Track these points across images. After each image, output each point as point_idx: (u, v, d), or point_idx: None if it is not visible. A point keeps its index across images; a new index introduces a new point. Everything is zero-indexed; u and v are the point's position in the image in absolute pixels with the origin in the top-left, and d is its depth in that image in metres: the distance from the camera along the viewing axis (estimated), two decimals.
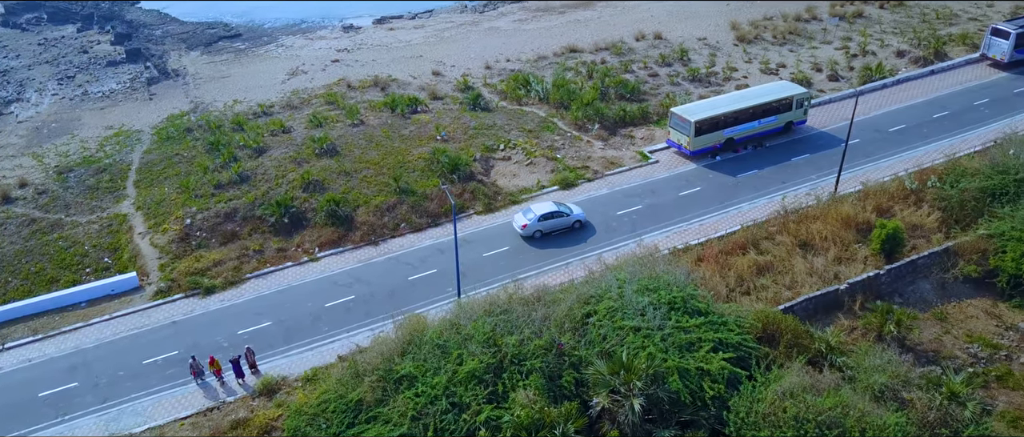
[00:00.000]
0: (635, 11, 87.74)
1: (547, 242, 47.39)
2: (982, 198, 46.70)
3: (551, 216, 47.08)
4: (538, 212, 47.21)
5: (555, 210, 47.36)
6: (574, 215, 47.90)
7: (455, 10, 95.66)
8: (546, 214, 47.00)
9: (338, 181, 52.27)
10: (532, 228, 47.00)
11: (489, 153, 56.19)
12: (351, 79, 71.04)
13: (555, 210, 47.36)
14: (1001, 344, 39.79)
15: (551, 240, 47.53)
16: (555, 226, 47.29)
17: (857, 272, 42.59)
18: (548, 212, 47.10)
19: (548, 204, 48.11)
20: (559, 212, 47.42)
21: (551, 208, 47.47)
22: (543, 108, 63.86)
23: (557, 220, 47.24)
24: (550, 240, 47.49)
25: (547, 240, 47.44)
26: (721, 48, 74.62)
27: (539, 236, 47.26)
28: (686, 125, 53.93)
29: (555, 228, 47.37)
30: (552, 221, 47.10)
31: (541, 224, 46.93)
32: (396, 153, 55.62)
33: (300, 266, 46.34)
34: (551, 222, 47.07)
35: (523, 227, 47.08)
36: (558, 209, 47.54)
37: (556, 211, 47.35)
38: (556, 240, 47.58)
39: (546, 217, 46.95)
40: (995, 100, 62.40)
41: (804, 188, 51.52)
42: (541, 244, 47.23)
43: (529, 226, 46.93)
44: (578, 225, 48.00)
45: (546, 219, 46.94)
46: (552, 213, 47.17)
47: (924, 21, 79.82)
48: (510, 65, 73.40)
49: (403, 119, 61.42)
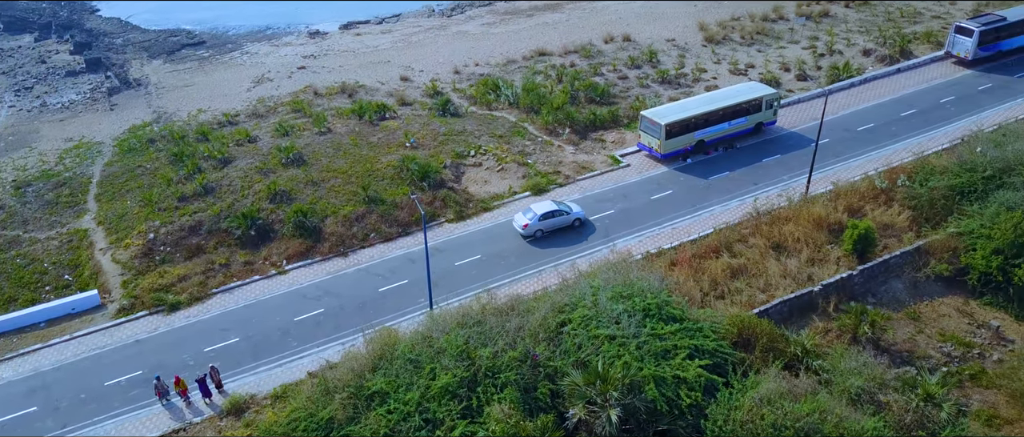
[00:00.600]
0: (603, 13, 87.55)
1: (549, 241, 47.34)
2: (951, 196, 46.96)
3: (552, 215, 47.25)
4: (539, 211, 47.31)
5: (555, 209, 47.51)
6: (574, 213, 48.07)
7: (423, 14, 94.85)
8: (547, 213, 47.14)
9: (305, 191, 51.29)
10: (533, 227, 47.08)
11: (459, 159, 55.52)
12: (318, 86, 69.99)
13: (555, 209, 47.51)
14: (974, 342, 39.94)
15: (553, 239, 47.49)
16: (556, 224, 47.44)
17: (830, 273, 42.54)
18: (549, 211, 47.25)
19: (548, 203, 48.27)
20: (559, 211, 47.57)
21: (551, 207, 47.55)
22: (513, 113, 63.32)
23: (557, 219, 47.40)
24: (552, 239, 47.49)
25: (549, 239, 47.52)
26: (690, 49, 74.61)
27: (540, 235, 47.26)
28: (656, 128, 53.68)
29: (556, 227, 47.52)
30: (553, 220, 47.28)
31: (542, 223, 47.06)
32: (364, 161, 54.75)
33: (268, 279, 45.33)
34: (552, 221, 47.25)
35: (524, 227, 47.10)
36: (558, 208, 47.71)
37: (556, 210, 47.50)
38: (558, 239, 47.56)
39: (547, 216, 47.11)
40: (961, 97, 62.95)
41: (775, 189, 51.47)
42: (544, 244, 47.16)
43: (531, 225, 47.00)
44: (578, 223, 48.17)
45: (547, 218, 47.11)
46: (552, 212, 47.31)
47: (889, 20, 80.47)
48: (479, 69, 72.78)
49: (371, 126, 60.54)
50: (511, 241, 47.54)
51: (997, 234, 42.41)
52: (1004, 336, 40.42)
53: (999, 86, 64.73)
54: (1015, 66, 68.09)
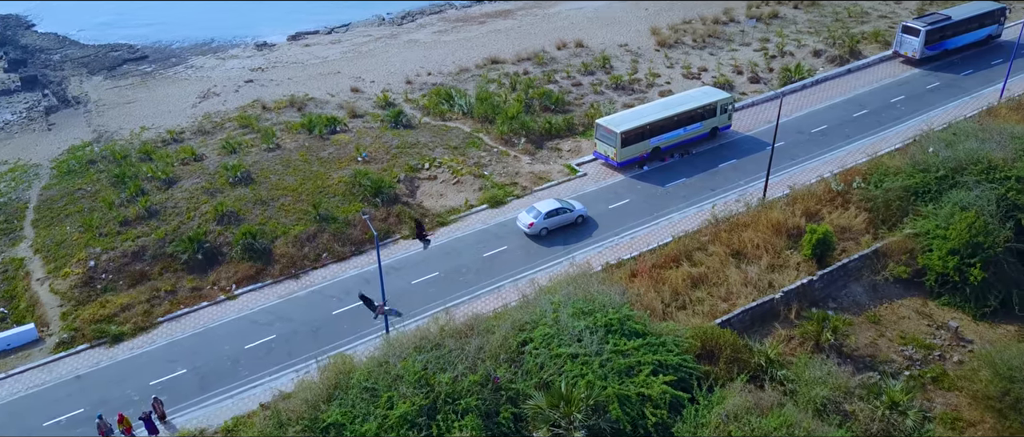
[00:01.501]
0: (555, 19, 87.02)
1: (553, 239, 47.52)
2: (906, 197, 47.14)
3: (556, 213, 47.80)
4: (543, 210, 47.68)
5: (559, 206, 48.03)
6: (577, 210, 48.59)
7: (373, 23, 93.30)
8: (551, 211, 47.66)
9: (254, 211, 49.59)
10: (539, 226, 47.48)
11: (413, 173, 54.29)
12: (266, 100, 68.11)
13: (559, 206, 48.03)
14: (934, 344, 39.99)
15: (558, 237, 47.61)
16: (560, 222, 47.96)
17: (791, 279, 42.27)
18: (553, 209, 47.76)
19: (551, 201, 48.64)
20: (562, 208, 48.05)
21: (555, 205, 48.02)
22: (467, 123, 62.27)
23: (562, 216, 47.95)
24: (556, 237, 47.75)
25: (553, 237, 47.85)
26: (643, 54, 74.37)
27: (545, 234, 47.62)
28: (612, 136, 53.12)
29: (560, 224, 48.01)
30: (557, 217, 47.82)
31: (547, 222, 47.52)
32: (315, 177, 53.20)
33: (216, 305, 43.60)
34: (556, 218, 47.78)
35: (530, 226, 47.42)
36: (561, 205, 48.16)
37: (560, 208, 48.01)
38: (562, 237, 47.59)
39: (551, 214, 47.64)
40: (910, 97, 63.61)
41: (733, 194, 51.23)
42: (548, 242, 47.34)
43: (536, 224, 47.37)
44: (581, 220, 48.67)
45: (552, 216, 47.63)
46: (556, 210, 47.86)
47: (837, 20, 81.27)
48: (431, 79, 71.59)
49: (321, 140, 58.96)
50: (469, 256, 46.49)
51: (952, 234, 42.59)
52: (963, 336, 40.56)
53: (946, 84, 65.59)
54: (960, 64, 69.12)
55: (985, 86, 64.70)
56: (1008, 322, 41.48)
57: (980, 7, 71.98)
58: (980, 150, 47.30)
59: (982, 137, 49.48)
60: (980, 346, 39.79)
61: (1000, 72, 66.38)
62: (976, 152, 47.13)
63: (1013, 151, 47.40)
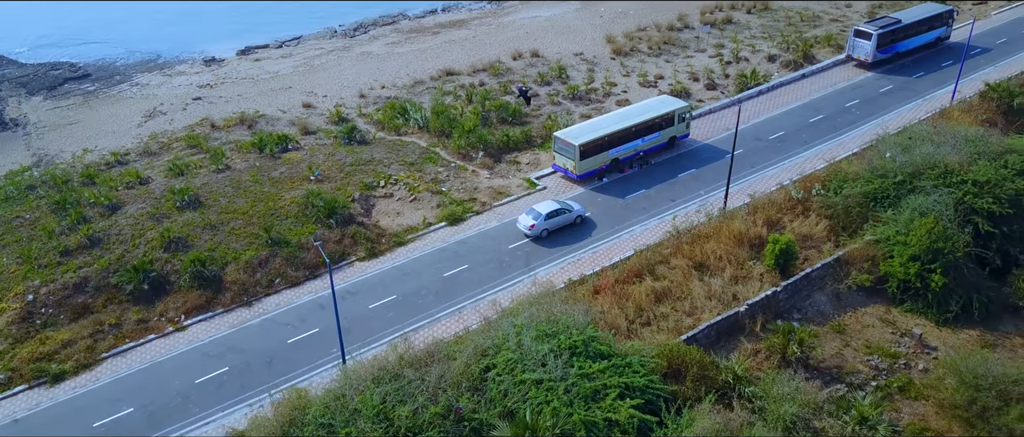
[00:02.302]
0: (510, 28, 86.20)
1: (554, 240, 47.63)
2: (865, 203, 47.06)
3: (556, 213, 48.17)
4: (543, 211, 47.95)
5: (558, 207, 48.36)
6: (576, 210, 49.07)
7: (324, 36, 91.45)
8: (551, 212, 48.02)
9: (203, 237, 47.75)
10: (540, 227, 47.78)
11: (369, 191, 52.86)
12: (215, 118, 66.03)
13: (558, 207, 48.36)
14: (899, 352, 39.78)
15: (559, 237, 47.60)
16: (560, 223, 48.43)
17: (755, 291, 41.80)
18: (553, 210, 48.13)
19: (550, 203, 48.94)
20: (562, 209, 48.40)
21: (554, 206, 48.37)
22: (424, 137, 61.02)
23: (562, 217, 48.39)
24: (557, 237, 47.90)
25: (554, 238, 48.14)
26: (598, 63, 73.86)
27: (546, 235, 47.89)
28: (570, 149, 52.35)
29: (560, 225, 48.50)
30: (557, 218, 48.24)
31: (548, 223, 47.88)
32: (266, 199, 51.49)
33: (164, 338, 41.72)
34: (556, 219, 48.22)
35: (531, 227, 47.68)
36: (561, 206, 48.51)
37: (559, 208, 48.34)
38: (563, 237, 47.27)
39: (551, 215, 48.00)
40: (864, 100, 63.96)
41: (693, 205, 50.81)
42: (550, 243, 47.28)
43: (537, 226, 47.66)
44: (579, 220, 49.09)
45: (552, 217, 48.01)
46: (556, 210, 48.21)
47: (790, 24, 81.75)
48: (386, 92, 70.20)
49: (273, 159, 57.20)
50: (428, 277, 45.23)
51: (912, 240, 42.53)
52: (926, 343, 40.44)
53: (899, 87, 66.13)
54: (912, 67, 69.84)
55: (937, 88, 65.37)
56: (970, 327, 41.47)
57: (929, 9, 72.89)
58: (936, 154, 47.45)
59: (937, 141, 49.71)
60: (944, 353, 39.71)
61: (950, 74, 67.18)
62: (932, 156, 47.26)
63: (968, 155, 47.65)
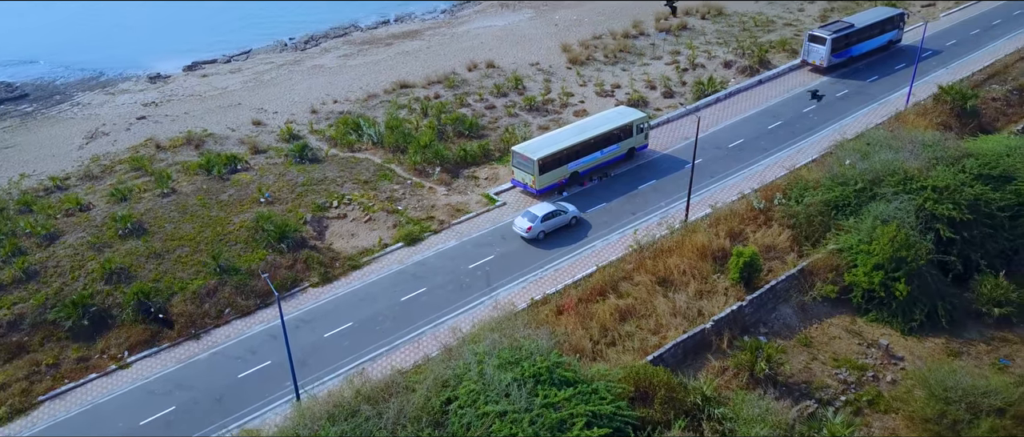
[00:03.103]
0: (464, 38, 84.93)
1: (551, 242, 47.42)
2: (827, 211, 46.69)
3: (552, 215, 48.59)
4: (540, 213, 48.28)
5: (554, 209, 48.82)
6: (571, 212, 49.54)
7: (274, 49, 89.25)
8: (548, 214, 48.41)
9: (148, 267, 45.55)
10: (537, 230, 48.02)
11: (321, 212, 51.07)
12: (160, 138, 63.59)
13: (554, 209, 48.82)
14: (867, 364, 39.29)
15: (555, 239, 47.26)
16: (556, 224, 48.82)
17: (720, 306, 41.00)
18: (550, 211, 48.60)
19: (546, 205, 49.39)
20: (557, 210, 48.86)
21: (550, 208, 48.84)
22: (378, 154, 59.34)
23: (558, 218, 48.80)
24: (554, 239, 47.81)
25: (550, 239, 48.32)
26: (555, 72, 72.92)
27: (543, 237, 48.19)
28: (529, 163, 51.21)
29: (556, 226, 48.87)
30: (553, 220, 48.66)
31: (544, 225, 48.23)
32: (214, 224, 49.42)
33: (107, 377, 39.49)
34: (553, 221, 48.65)
35: (528, 230, 47.89)
36: (556, 208, 48.98)
37: (555, 210, 48.82)
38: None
39: (548, 217, 48.38)
40: (821, 106, 63.94)
41: (654, 218, 50.03)
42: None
43: (534, 228, 47.91)
44: (574, 221, 49.39)
45: (548, 219, 48.38)
46: (552, 212, 48.66)
47: (744, 29, 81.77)
48: (338, 107, 68.38)
49: (221, 181, 55.06)
50: (385, 301, 43.64)
51: (876, 249, 42.18)
52: (893, 353, 40.04)
53: (854, 91, 66.30)
54: (866, 71, 70.15)
55: (891, 92, 65.64)
56: (935, 335, 41.22)
57: (881, 13, 73.35)
58: (895, 161, 47.27)
59: (895, 146, 49.59)
60: (911, 362, 39.35)
61: (903, 76, 67.58)
62: (891, 163, 47.06)
63: (926, 160, 47.56)
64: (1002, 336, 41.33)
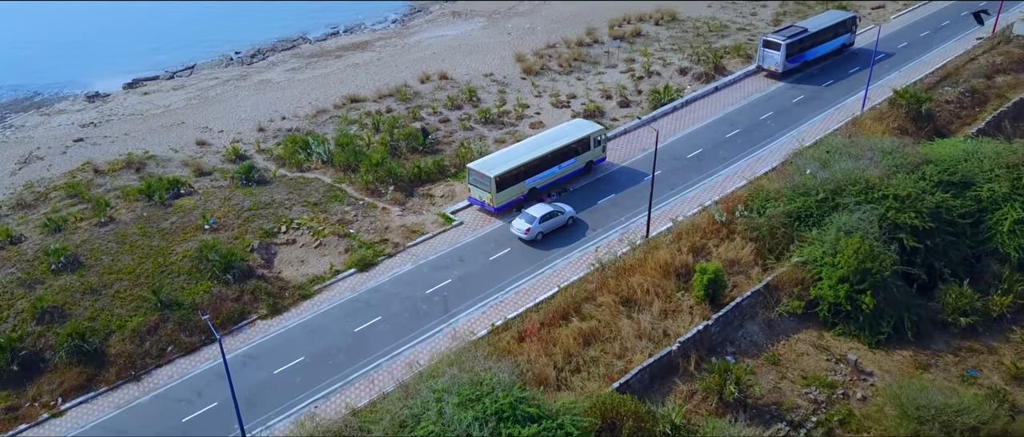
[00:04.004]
0: (416, 49, 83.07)
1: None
2: (789, 223, 45.96)
3: (550, 216, 48.52)
4: (537, 215, 48.13)
5: (551, 210, 48.73)
6: (568, 212, 49.64)
7: (219, 64, 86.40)
8: (545, 215, 48.31)
9: (83, 304, 42.84)
10: (536, 231, 47.98)
11: (269, 238, 48.81)
12: (99, 161, 60.57)
13: (551, 210, 48.73)
14: (836, 381, 38.50)
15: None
16: (554, 225, 48.82)
17: (686, 326, 39.90)
18: (547, 213, 48.50)
19: (543, 206, 49.20)
20: (554, 211, 48.79)
21: (547, 209, 48.70)
22: (328, 173, 57.17)
23: (555, 219, 48.79)
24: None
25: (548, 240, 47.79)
26: (509, 83, 71.46)
27: (540, 238, 48.11)
28: (486, 181, 49.60)
29: (553, 227, 48.88)
30: (551, 221, 48.60)
31: (543, 226, 48.23)
32: (155, 254, 46.87)
33: (37, 426, 36.77)
34: (551, 222, 48.60)
35: (527, 232, 47.81)
36: (553, 209, 48.86)
37: (552, 211, 48.72)
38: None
39: (545, 218, 48.30)
40: (778, 112, 63.45)
41: (615, 233, 48.82)
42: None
43: (533, 229, 47.85)
44: (571, 221, 49.43)
45: (546, 220, 48.31)
46: (550, 213, 48.55)
47: (698, 35, 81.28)
48: (286, 124, 66.03)
49: (163, 208, 52.42)
50: (338, 333, 41.58)
51: (840, 261, 41.45)
52: (862, 369, 39.32)
53: (810, 97, 65.99)
54: (820, 75, 69.99)
55: (846, 96, 65.50)
56: (902, 347, 40.63)
57: (834, 17, 73.33)
58: (856, 169, 46.71)
59: (854, 153, 49.12)
60: (880, 378, 38.64)
61: (857, 80, 67.57)
62: (852, 172, 46.49)
63: (886, 168, 47.13)
64: (969, 346, 40.89)
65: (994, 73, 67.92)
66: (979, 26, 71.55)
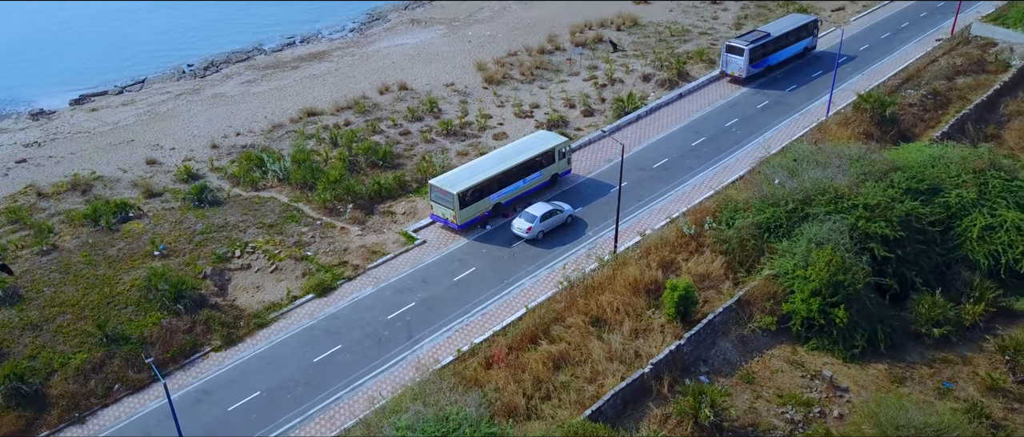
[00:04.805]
0: (374, 59, 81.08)
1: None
2: (759, 234, 45.10)
3: (550, 214, 48.82)
4: (538, 213, 48.34)
5: (551, 208, 48.95)
6: (567, 210, 49.83)
7: (171, 77, 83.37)
8: (546, 213, 48.61)
9: (23, 341, 40.38)
10: (537, 230, 48.24)
11: (223, 264, 46.69)
12: (42, 184, 57.71)
13: (551, 208, 48.95)
14: (812, 399, 37.57)
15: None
16: (554, 223, 49.11)
17: (657, 346, 38.72)
18: (547, 211, 48.76)
19: (542, 205, 49.35)
20: (554, 210, 49.03)
21: (547, 208, 48.91)
22: (285, 191, 55.10)
23: (555, 217, 49.07)
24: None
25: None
26: (471, 93, 69.91)
27: (541, 236, 48.37)
28: (449, 197, 48.03)
29: (554, 225, 49.11)
30: (551, 219, 48.89)
31: (543, 224, 48.51)
32: (101, 284, 44.50)
33: None
34: (551, 220, 48.89)
35: (528, 231, 48.04)
36: (552, 207, 49.09)
37: (552, 209, 48.93)
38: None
39: (546, 216, 48.60)
40: (743, 118, 62.77)
41: (583, 248, 47.59)
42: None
43: (534, 228, 48.10)
44: (571, 219, 49.71)
45: (546, 218, 48.61)
46: (550, 211, 48.84)
47: (660, 40, 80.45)
48: (241, 140, 63.70)
49: (110, 233, 49.96)
50: (296, 364, 39.66)
51: (812, 274, 40.59)
52: (838, 385, 38.48)
53: (775, 102, 65.46)
54: (784, 80, 69.54)
55: (811, 101, 65.08)
56: (877, 360, 39.89)
57: (796, 21, 72.97)
58: (824, 178, 45.99)
59: (822, 161, 48.46)
60: (856, 394, 37.82)
61: (820, 84, 67.26)
62: (821, 181, 45.76)
63: (855, 176, 46.49)
64: (943, 357, 40.27)
65: (955, 75, 68.02)
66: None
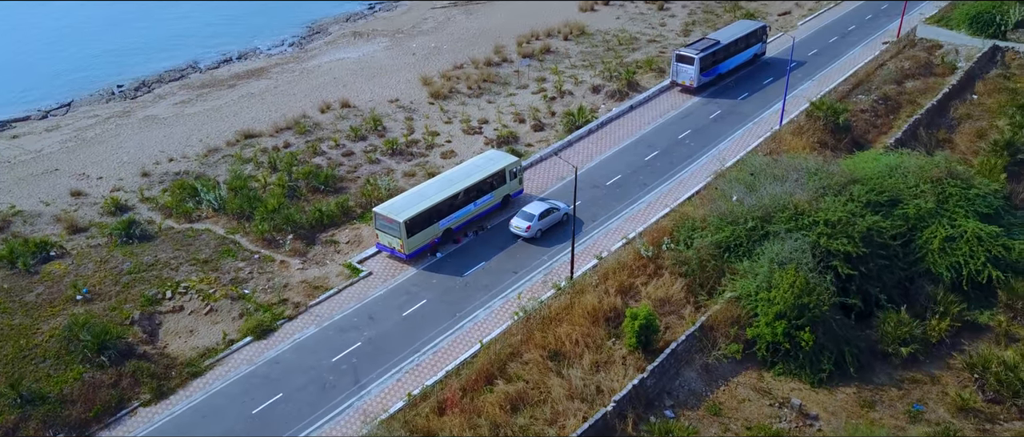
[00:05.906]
0: (315, 74, 77.95)
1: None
2: (719, 254, 43.48)
3: (547, 213, 49.31)
4: (535, 213, 48.69)
5: (548, 207, 49.44)
6: (563, 209, 50.28)
7: (100, 100, 78.97)
8: (544, 212, 49.06)
9: None
10: (535, 229, 48.64)
11: (152, 307, 43.38)
12: None
13: (548, 207, 49.44)
14: (781, 430, 35.91)
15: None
16: (551, 222, 49.59)
17: (620, 380, 36.69)
18: (545, 210, 49.19)
19: (539, 204, 49.78)
20: (551, 208, 49.55)
21: (544, 206, 49.41)
22: (220, 222, 51.90)
23: (552, 216, 49.59)
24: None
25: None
26: (417, 109, 67.40)
27: (540, 235, 48.53)
28: (395, 226, 45.50)
29: (551, 224, 49.55)
30: (549, 218, 49.40)
31: (541, 223, 48.99)
32: (16, 335, 40.90)
33: None
34: (548, 219, 49.38)
35: (527, 230, 48.38)
36: (549, 206, 49.61)
37: (549, 208, 49.44)
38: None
39: (544, 215, 49.07)
40: (696, 130, 61.42)
41: (538, 274, 45.52)
42: (544, 242, 46.63)
43: (532, 227, 48.48)
44: (566, 218, 50.09)
45: (544, 217, 49.09)
46: (547, 210, 49.28)
47: (609, 49, 78.95)
48: (174, 166, 60.17)
49: (28, 276, 46.25)
50: (233, 417, 36.68)
51: (776, 297, 39.04)
52: (807, 412, 36.92)
53: (727, 112, 64.28)
54: (735, 88, 68.51)
55: (763, 109, 64.08)
56: (845, 384, 38.46)
57: (745, 27, 72.03)
58: (783, 194, 44.58)
59: (779, 175, 47.05)
60: (826, 421, 36.32)
61: (772, 91, 66.39)
62: (780, 197, 44.34)
63: (814, 190, 45.14)
64: (911, 377, 39.05)
65: (903, 78, 67.70)
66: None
